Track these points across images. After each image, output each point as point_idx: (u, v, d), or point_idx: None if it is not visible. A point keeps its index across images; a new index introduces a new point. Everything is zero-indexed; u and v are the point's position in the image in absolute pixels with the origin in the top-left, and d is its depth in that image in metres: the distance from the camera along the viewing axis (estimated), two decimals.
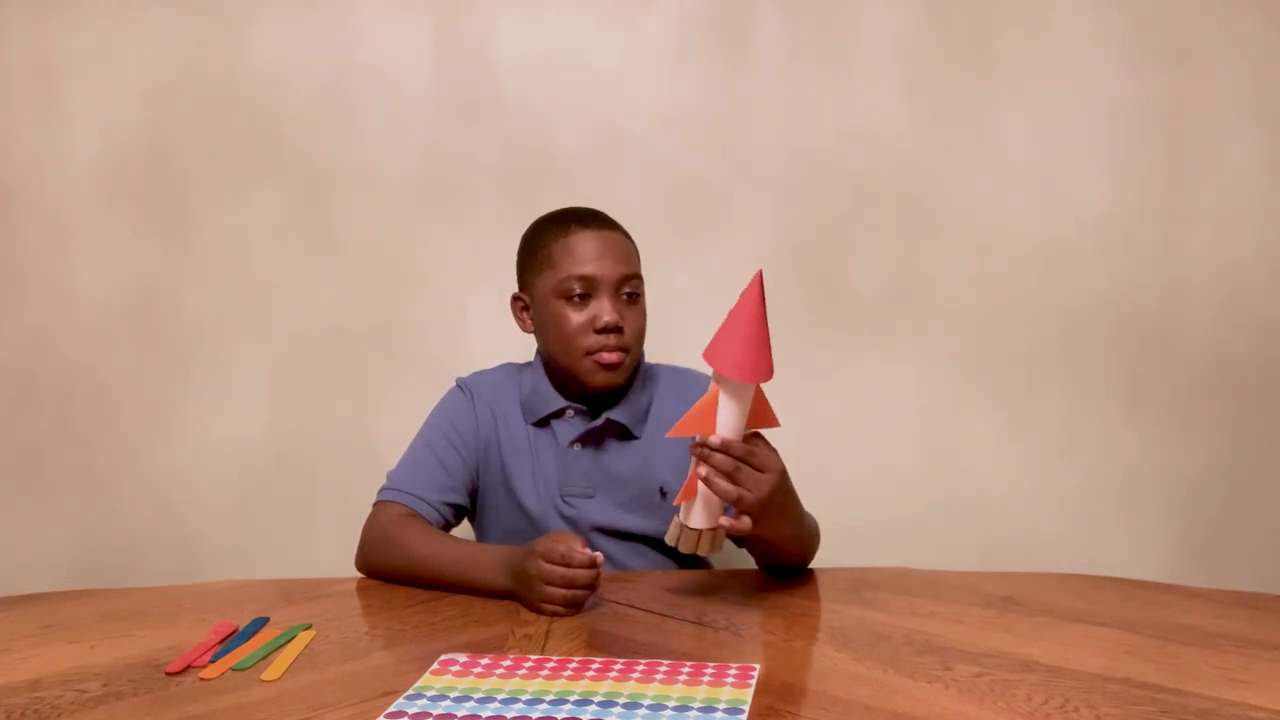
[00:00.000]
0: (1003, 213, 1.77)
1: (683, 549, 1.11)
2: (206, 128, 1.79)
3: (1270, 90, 1.76)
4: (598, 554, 1.08)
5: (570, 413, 1.36)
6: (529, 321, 1.38)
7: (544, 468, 1.36)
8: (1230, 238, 1.76)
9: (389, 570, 1.25)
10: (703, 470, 1.06)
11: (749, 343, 1.04)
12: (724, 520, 1.09)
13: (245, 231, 1.80)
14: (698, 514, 1.09)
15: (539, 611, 1.09)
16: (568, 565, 1.07)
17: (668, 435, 1.13)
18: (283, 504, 1.80)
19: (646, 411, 1.37)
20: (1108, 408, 1.78)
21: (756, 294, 1.04)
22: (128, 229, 1.80)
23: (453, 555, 1.20)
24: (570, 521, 1.35)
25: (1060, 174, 1.77)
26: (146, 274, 1.80)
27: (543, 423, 1.36)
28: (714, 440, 1.05)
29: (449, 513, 1.33)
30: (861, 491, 1.76)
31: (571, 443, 1.35)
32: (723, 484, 1.05)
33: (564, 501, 1.35)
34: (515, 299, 1.40)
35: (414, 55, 1.78)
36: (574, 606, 1.08)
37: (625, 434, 1.36)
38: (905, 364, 1.78)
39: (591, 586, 1.09)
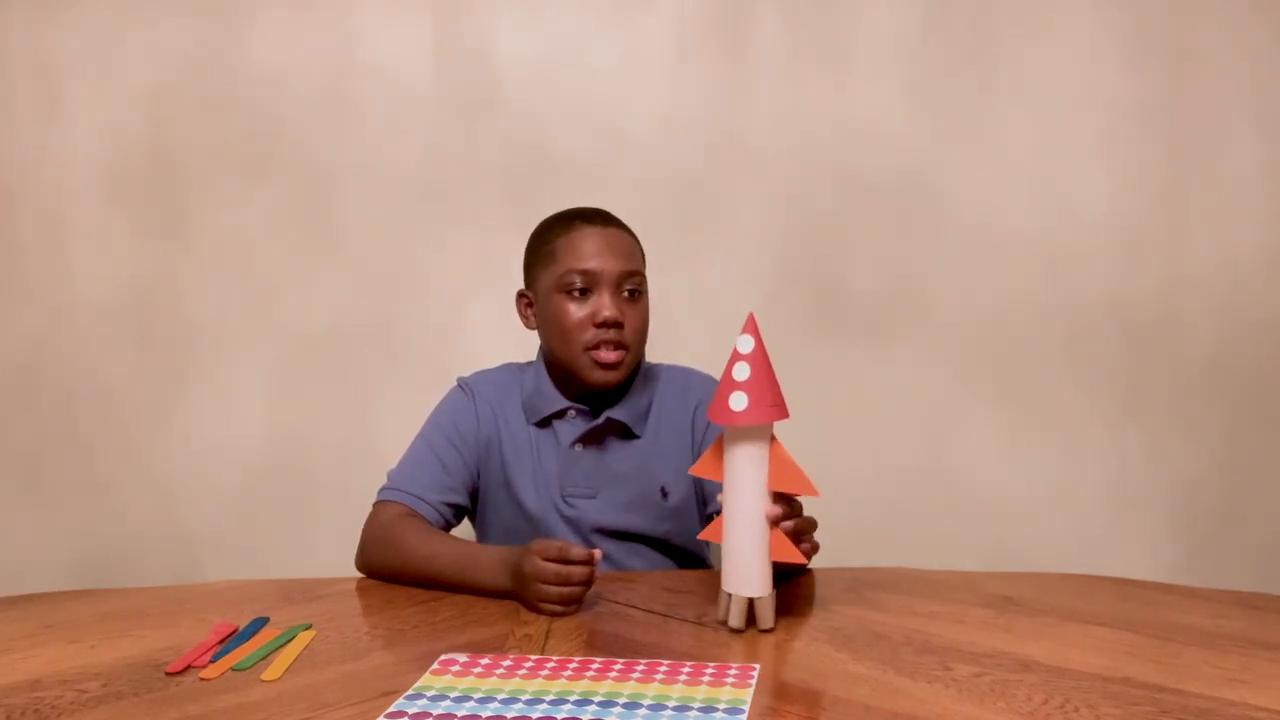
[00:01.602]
0: (1003, 212, 1.77)
1: (769, 626, 1.02)
2: (206, 128, 1.79)
3: (1270, 90, 1.76)
4: (595, 550, 1.08)
5: (572, 413, 1.35)
6: (533, 318, 1.38)
7: (545, 468, 1.35)
8: (1230, 238, 1.77)
9: (389, 570, 1.25)
10: (793, 532, 1.03)
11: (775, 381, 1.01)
12: (805, 546, 1.06)
13: (245, 231, 1.80)
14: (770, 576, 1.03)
15: (538, 611, 1.09)
16: (564, 563, 1.07)
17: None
18: (283, 504, 1.80)
19: (648, 411, 1.37)
20: (1108, 408, 1.78)
21: (758, 336, 1.00)
22: (128, 229, 1.80)
23: (452, 555, 1.20)
24: (571, 522, 1.35)
25: (1060, 174, 1.77)
26: (146, 274, 1.80)
27: (544, 423, 1.36)
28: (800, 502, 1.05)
29: (449, 513, 1.33)
30: (861, 491, 1.76)
31: (573, 443, 1.35)
32: (811, 542, 1.08)
33: (565, 502, 1.35)
34: (520, 295, 1.40)
35: (414, 55, 1.78)
36: (571, 605, 1.08)
37: (626, 433, 1.36)
38: (905, 364, 1.78)
39: (587, 583, 1.08)
